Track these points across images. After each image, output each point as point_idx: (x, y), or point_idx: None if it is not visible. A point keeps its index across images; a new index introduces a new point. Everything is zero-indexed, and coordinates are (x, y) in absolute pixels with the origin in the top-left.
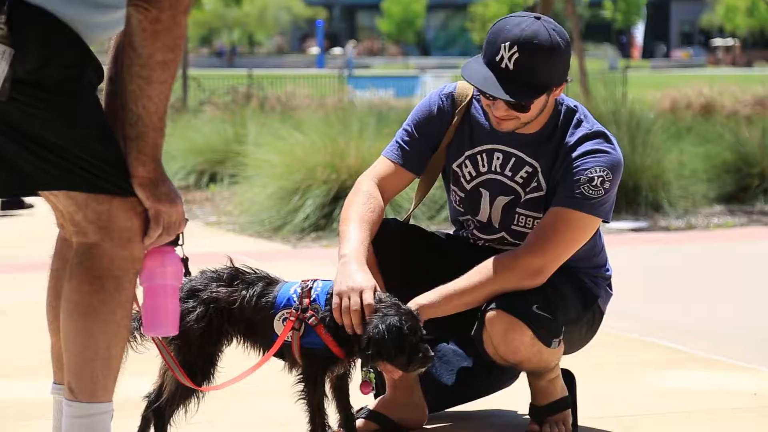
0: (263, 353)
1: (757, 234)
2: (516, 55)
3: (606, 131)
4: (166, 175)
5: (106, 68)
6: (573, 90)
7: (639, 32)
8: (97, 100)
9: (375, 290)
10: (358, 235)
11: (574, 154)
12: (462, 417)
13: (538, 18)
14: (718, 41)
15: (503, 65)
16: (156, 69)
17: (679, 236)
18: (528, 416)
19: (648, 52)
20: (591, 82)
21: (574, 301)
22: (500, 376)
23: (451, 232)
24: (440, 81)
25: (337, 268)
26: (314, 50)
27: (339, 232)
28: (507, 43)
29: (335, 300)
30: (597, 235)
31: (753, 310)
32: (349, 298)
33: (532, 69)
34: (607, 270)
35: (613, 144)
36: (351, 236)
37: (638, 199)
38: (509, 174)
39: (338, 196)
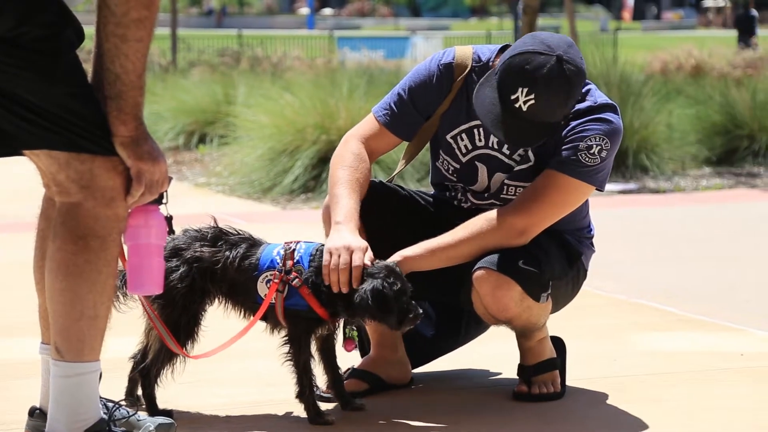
0: (245, 314)
1: (745, 196)
2: (531, 102)
3: (611, 102)
4: (148, 134)
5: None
6: None
7: None
8: (77, 59)
9: (365, 251)
10: (350, 202)
11: (576, 122)
12: (450, 377)
13: (561, 60)
14: (709, 3)
15: (516, 105)
16: (131, 27)
17: (668, 198)
18: (516, 377)
19: (639, 14)
20: (582, 44)
21: (558, 257)
22: (475, 327)
23: (432, 192)
24: (430, 42)
25: (330, 232)
26: (304, 11)
27: (329, 194)
28: (525, 89)
29: (326, 256)
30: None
31: (741, 272)
32: (339, 256)
33: (544, 114)
34: (590, 230)
35: (617, 114)
36: (343, 202)
37: (627, 161)
38: (507, 152)
39: (328, 158)
